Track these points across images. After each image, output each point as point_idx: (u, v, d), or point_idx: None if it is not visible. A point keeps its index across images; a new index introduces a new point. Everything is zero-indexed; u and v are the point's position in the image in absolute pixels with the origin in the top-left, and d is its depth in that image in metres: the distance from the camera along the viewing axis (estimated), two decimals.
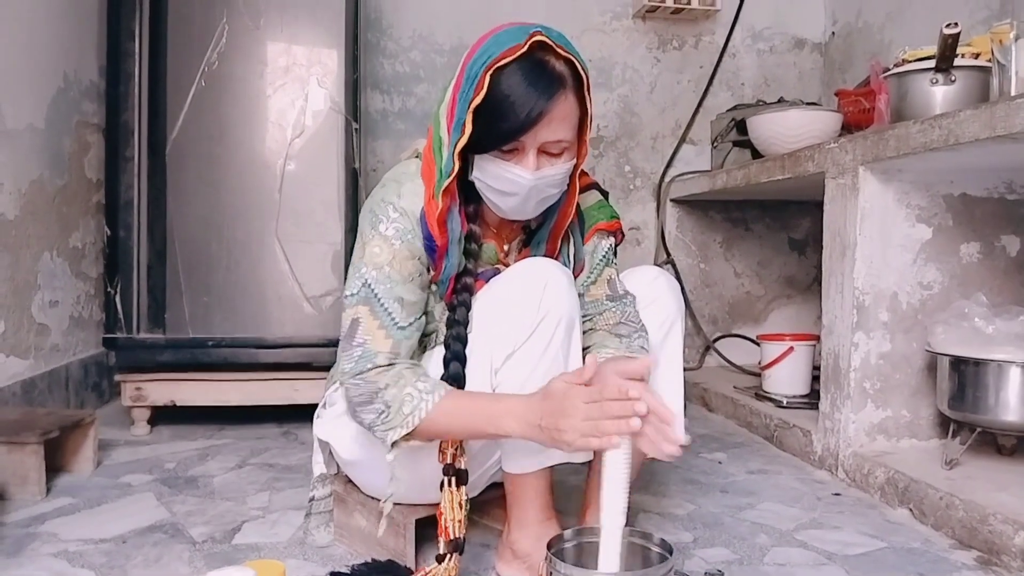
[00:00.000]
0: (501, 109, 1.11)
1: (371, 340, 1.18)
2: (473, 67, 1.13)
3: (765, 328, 3.05)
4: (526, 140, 1.13)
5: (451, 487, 1.19)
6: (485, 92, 1.11)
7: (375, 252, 1.20)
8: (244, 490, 1.77)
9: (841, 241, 1.88)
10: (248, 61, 2.27)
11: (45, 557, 1.39)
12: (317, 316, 2.28)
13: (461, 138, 1.14)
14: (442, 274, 1.22)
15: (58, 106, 2.32)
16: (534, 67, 1.12)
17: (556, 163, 1.17)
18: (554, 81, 1.12)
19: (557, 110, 1.12)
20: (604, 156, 3.16)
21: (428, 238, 1.20)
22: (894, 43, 2.74)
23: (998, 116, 1.39)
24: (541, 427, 1.06)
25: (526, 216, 1.24)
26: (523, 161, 1.15)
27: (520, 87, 1.11)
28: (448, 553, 1.19)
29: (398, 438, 1.13)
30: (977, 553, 1.43)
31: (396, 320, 1.19)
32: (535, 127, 1.12)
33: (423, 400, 1.12)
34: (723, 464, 2.01)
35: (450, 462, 1.19)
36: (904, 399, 1.87)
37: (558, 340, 1.17)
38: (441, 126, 1.20)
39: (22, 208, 2.13)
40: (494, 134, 1.13)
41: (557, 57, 1.14)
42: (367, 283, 1.20)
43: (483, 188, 1.21)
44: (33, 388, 2.14)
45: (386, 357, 1.17)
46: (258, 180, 2.28)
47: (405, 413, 1.12)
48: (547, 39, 1.13)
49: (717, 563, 1.39)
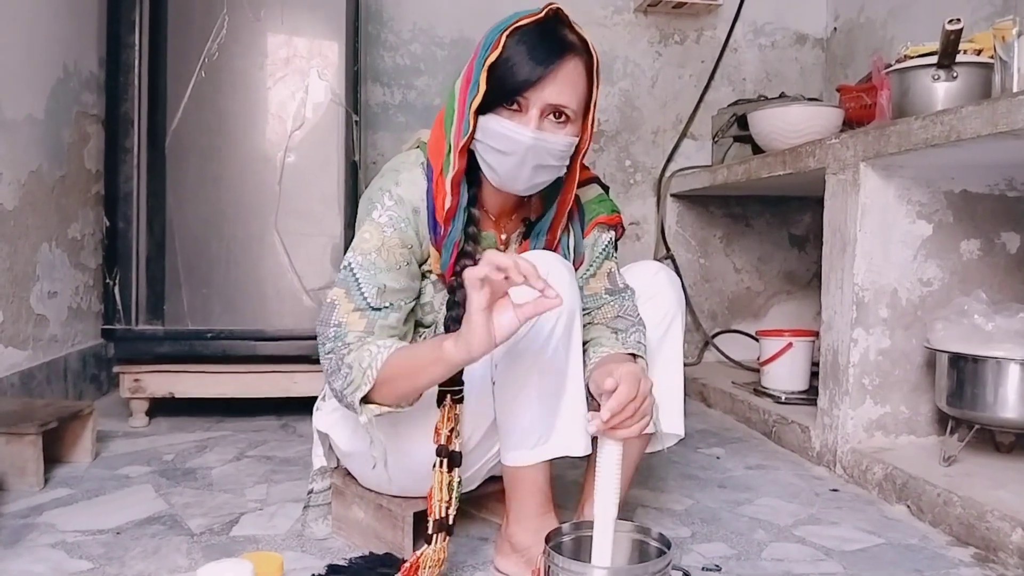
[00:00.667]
0: (511, 63, 1.14)
1: (345, 321, 1.19)
2: (492, 32, 1.17)
3: (764, 324, 3.05)
4: (530, 96, 1.15)
5: (442, 468, 1.19)
6: (500, 50, 1.14)
7: (365, 238, 1.22)
8: (242, 482, 1.77)
9: (841, 237, 1.88)
10: (248, 53, 2.27)
11: (43, 548, 1.39)
12: (316, 309, 2.28)
13: (476, 96, 1.16)
14: (447, 239, 1.22)
15: (58, 97, 2.31)
16: (548, 29, 1.16)
17: (558, 131, 1.18)
18: (565, 45, 1.16)
19: (564, 72, 1.15)
20: (605, 150, 3.15)
21: (433, 212, 1.21)
22: (896, 39, 2.74)
23: (1000, 112, 1.39)
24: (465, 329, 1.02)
25: (520, 186, 1.22)
26: (525, 121, 1.16)
27: (532, 44, 1.15)
28: (435, 533, 1.19)
29: (362, 396, 1.13)
30: (974, 550, 1.43)
31: (370, 302, 1.19)
32: (541, 83, 1.14)
33: (379, 352, 1.13)
34: (721, 459, 2.01)
35: (443, 443, 1.19)
36: (903, 395, 1.87)
37: (559, 332, 1.16)
38: (455, 96, 1.21)
39: (21, 199, 2.13)
40: (502, 88, 1.15)
41: (571, 30, 1.19)
42: (349, 266, 1.21)
43: (483, 151, 1.21)
44: (31, 379, 2.14)
45: (357, 336, 1.18)
46: (258, 172, 2.27)
47: (363, 367, 1.13)
48: (564, 12, 1.18)
49: (715, 558, 1.39)
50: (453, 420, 1.20)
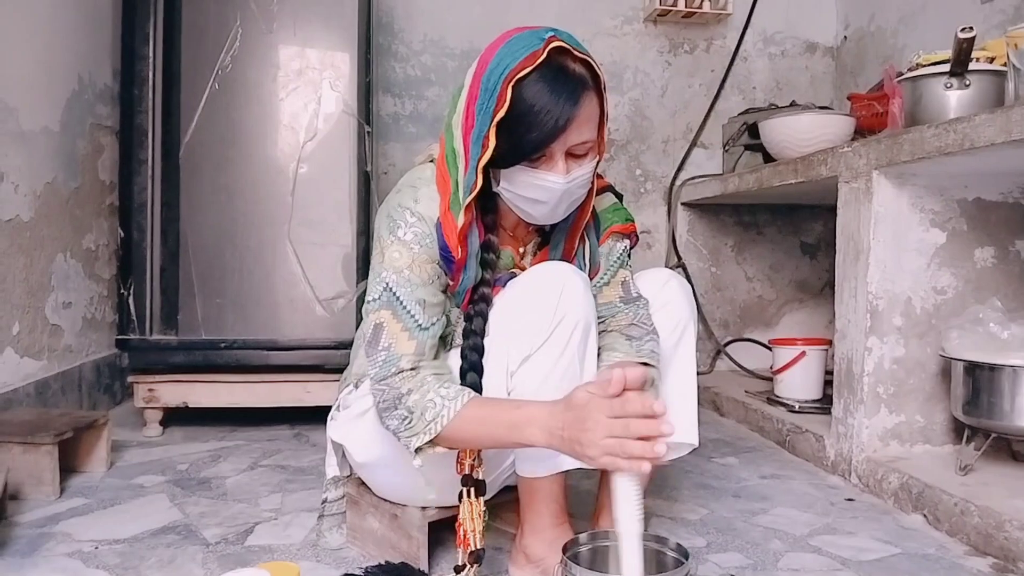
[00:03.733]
0: (528, 119, 1.10)
1: (395, 343, 1.16)
2: (490, 78, 1.11)
3: (777, 332, 3.04)
4: (555, 147, 1.13)
5: (470, 498, 1.19)
6: (508, 105, 1.09)
7: (395, 256, 1.20)
8: (256, 492, 1.78)
9: (855, 245, 1.87)
10: (261, 64, 2.28)
11: (60, 557, 1.40)
12: (329, 318, 2.29)
13: (484, 153, 1.13)
14: (459, 286, 1.22)
15: (72, 109, 2.34)
16: (557, 74, 1.11)
17: (583, 163, 1.17)
18: (577, 85, 1.12)
19: (582, 113, 1.12)
20: (615, 159, 3.16)
21: (444, 248, 1.20)
22: (907, 47, 2.74)
23: (1014, 120, 1.39)
24: (563, 438, 1.04)
25: (556, 220, 1.24)
26: (553, 168, 1.14)
27: (545, 95, 1.10)
28: (470, 564, 1.19)
29: (421, 444, 1.12)
30: (993, 560, 1.42)
31: (419, 322, 1.18)
32: (564, 133, 1.11)
33: (445, 407, 1.11)
34: (735, 469, 2.00)
35: (468, 473, 1.19)
36: (918, 404, 1.86)
37: (574, 344, 1.16)
38: (455, 137, 1.18)
39: (36, 210, 2.14)
40: (523, 145, 1.12)
41: (574, 60, 1.13)
42: (388, 287, 1.19)
43: (512, 198, 1.20)
44: (47, 389, 2.15)
45: (410, 360, 1.16)
46: (271, 183, 2.29)
47: (428, 419, 1.11)
48: (564, 43, 1.12)
49: (731, 568, 1.39)
50: (476, 450, 1.20)
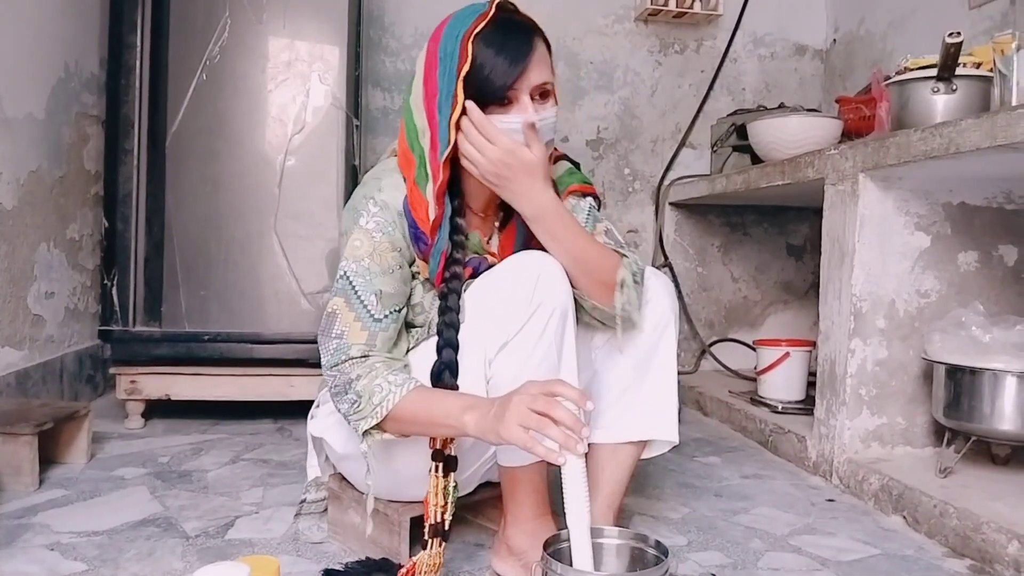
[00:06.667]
0: (491, 64, 1.17)
1: (347, 332, 1.19)
2: (447, 44, 1.19)
3: (761, 333, 3.05)
4: (520, 86, 1.18)
5: (438, 473, 1.19)
6: (470, 59, 1.16)
7: (356, 245, 1.22)
8: (238, 485, 1.77)
9: (840, 247, 1.88)
10: (250, 55, 2.27)
11: (37, 549, 1.39)
12: (314, 312, 2.27)
13: (454, 111, 1.18)
14: (432, 249, 1.23)
15: (58, 97, 2.31)
16: (508, 23, 1.20)
17: (547, 106, 1.22)
18: (529, 29, 1.22)
19: (538, 52, 1.20)
20: (604, 158, 3.16)
21: (413, 225, 1.22)
22: (895, 51, 2.75)
23: (999, 126, 1.40)
24: (492, 416, 1.05)
25: None
26: (523, 110, 1.19)
27: (502, 40, 1.18)
28: (431, 539, 1.18)
29: (368, 427, 1.15)
30: (970, 561, 1.43)
31: (372, 312, 1.20)
32: (526, 70, 1.17)
33: (392, 392, 1.14)
34: (718, 468, 2.01)
35: (439, 448, 1.19)
36: (900, 406, 1.87)
37: (551, 331, 1.17)
38: (416, 113, 1.24)
39: (20, 198, 2.12)
40: (492, 90, 1.17)
41: (519, 15, 1.24)
42: (345, 275, 1.22)
43: None
44: (27, 379, 2.13)
45: (360, 349, 1.19)
46: (258, 175, 2.27)
47: (375, 403, 1.14)
48: (508, 1, 1.23)
49: (711, 567, 1.39)
50: None
